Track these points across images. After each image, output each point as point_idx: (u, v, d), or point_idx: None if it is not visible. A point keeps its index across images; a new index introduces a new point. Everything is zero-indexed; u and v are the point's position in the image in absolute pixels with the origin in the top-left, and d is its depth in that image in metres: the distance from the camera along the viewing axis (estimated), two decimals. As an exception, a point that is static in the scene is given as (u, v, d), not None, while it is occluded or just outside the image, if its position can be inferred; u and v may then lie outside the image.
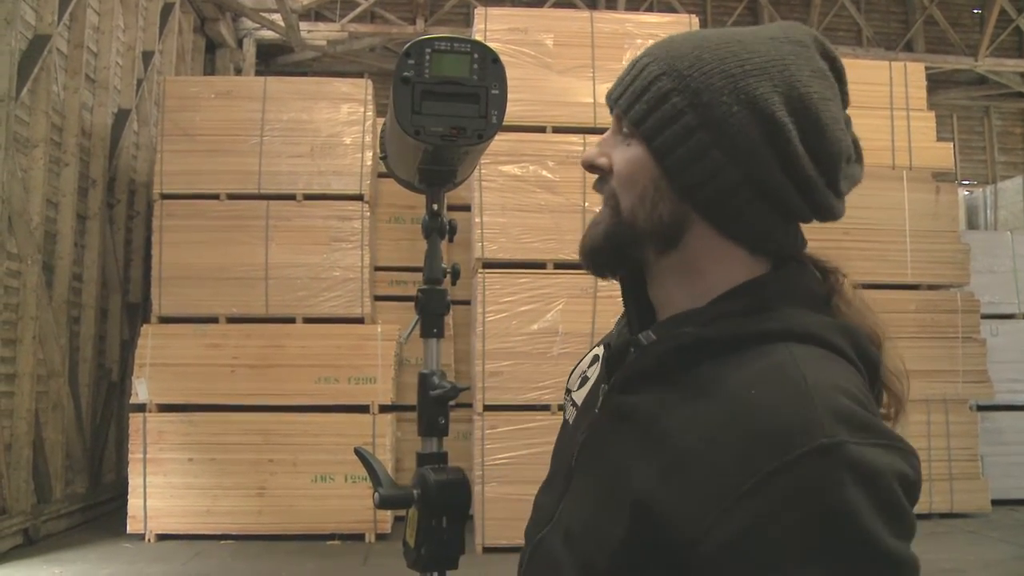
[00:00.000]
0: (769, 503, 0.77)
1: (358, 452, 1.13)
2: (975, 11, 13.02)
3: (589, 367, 1.13)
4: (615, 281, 1.04)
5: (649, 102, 0.94)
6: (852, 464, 0.77)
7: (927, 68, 8.31)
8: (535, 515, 1.06)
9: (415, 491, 1.05)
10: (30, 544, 6.04)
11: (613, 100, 0.99)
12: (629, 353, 0.99)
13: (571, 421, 1.09)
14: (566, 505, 0.99)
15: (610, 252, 0.99)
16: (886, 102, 7.54)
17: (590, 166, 1.01)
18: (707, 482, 0.80)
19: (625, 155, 0.97)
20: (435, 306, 1.09)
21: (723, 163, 0.92)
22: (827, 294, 0.97)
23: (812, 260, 1.00)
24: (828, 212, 0.97)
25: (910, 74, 7.75)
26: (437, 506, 1.05)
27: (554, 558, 0.96)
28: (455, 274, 1.11)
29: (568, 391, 1.17)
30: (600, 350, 1.13)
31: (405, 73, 1.06)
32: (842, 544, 0.75)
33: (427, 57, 1.06)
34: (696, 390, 0.88)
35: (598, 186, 1.01)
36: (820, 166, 0.94)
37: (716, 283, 0.95)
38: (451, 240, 1.13)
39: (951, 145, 8.31)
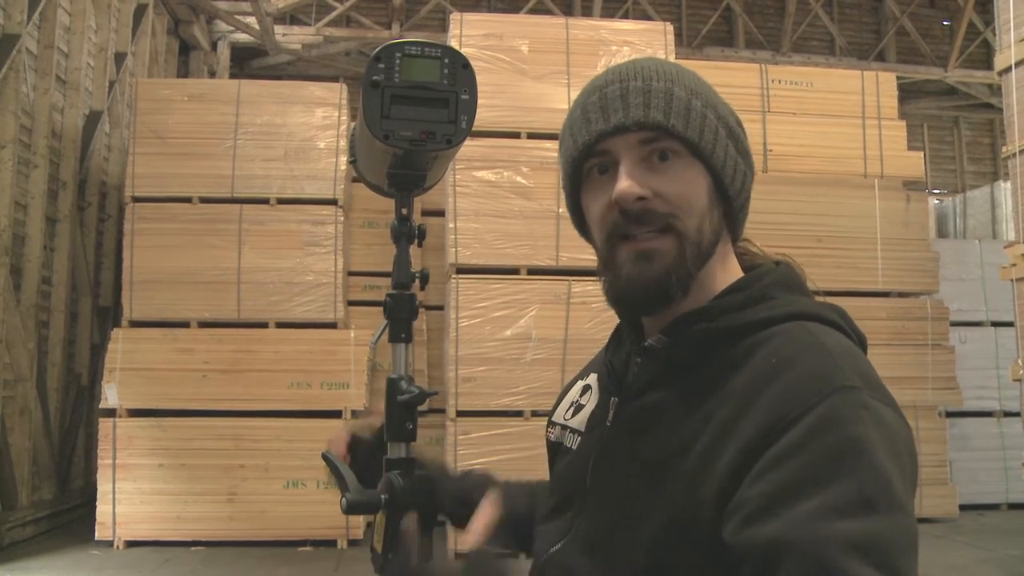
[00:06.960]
0: (797, 434, 0.81)
1: (325, 457, 1.13)
2: (945, 23, 13.21)
3: (581, 396, 1.14)
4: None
5: (696, 121, 0.96)
6: (868, 407, 0.83)
7: (898, 78, 8.41)
8: (542, 539, 1.06)
9: (382, 496, 1.04)
10: (-5, 551, 5.96)
11: (651, 124, 0.94)
12: (635, 363, 1.02)
13: (574, 447, 1.08)
14: (585, 519, 0.99)
15: (681, 280, 0.95)
16: (858, 111, 7.62)
17: (638, 199, 0.94)
18: (749, 437, 0.84)
19: (679, 177, 0.95)
20: (403, 311, 1.08)
21: (744, 168, 1.01)
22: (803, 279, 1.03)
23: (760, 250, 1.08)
24: None
25: (882, 84, 7.83)
26: (404, 511, 1.05)
27: (571, 570, 0.98)
28: (424, 279, 1.11)
29: (555, 423, 1.17)
30: (591, 379, 1.14)
31: (375, 77, 1.05)
32: (860, 471, 0.80)
33: (397, 61, 1.06)
34: (722, 373, 0.91)
35: (643, 218, 0.95)
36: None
37: (718, 281, 1.00)
38: (420, 245, 1.12)
39: (922, 154, 8.40)
